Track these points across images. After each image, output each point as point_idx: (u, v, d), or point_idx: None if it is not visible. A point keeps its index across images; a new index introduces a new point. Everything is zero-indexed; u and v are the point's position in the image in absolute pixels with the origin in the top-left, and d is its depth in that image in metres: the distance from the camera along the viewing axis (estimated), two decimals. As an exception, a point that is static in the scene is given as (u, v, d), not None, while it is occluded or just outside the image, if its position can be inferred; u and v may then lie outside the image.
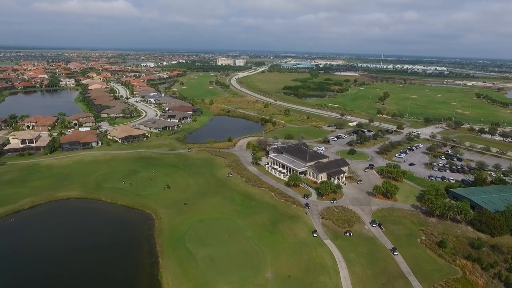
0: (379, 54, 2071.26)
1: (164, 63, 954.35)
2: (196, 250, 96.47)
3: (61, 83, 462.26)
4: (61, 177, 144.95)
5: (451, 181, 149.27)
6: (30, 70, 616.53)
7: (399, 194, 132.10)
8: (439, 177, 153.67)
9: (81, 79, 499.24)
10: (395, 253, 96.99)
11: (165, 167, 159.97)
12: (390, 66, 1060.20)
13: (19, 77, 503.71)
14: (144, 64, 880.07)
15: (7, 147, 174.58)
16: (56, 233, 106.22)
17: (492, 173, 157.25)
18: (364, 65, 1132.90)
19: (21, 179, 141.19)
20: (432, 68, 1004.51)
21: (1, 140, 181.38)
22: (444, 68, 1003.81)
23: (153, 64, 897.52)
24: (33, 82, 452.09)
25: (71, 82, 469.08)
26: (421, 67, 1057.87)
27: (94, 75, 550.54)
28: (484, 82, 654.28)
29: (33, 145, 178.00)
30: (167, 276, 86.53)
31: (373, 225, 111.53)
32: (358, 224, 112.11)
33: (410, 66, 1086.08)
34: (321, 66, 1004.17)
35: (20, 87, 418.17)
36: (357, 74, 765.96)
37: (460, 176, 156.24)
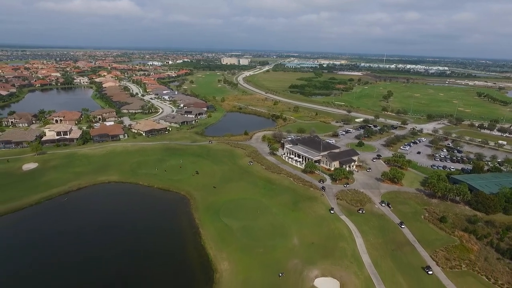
0: (381, 54, 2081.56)
1: (170, 62, 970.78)
2: (230, 223, 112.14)
3: (75, 81, 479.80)
4: (99, 164, 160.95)
5: (451, 169, 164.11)
6: (42, 68, 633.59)
7: (404, 180, 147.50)
8: (440, 166, 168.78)
9: (94, 77, 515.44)
10: (402, 226, 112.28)
11: (191, 156, 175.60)
12: (392, 66, 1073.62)
13: (33, 75, 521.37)
14: (151, 63, 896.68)
15: (44, 138, 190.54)
16: (105, 210, 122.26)
17: (489, 162, 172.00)
18: (367, 64, 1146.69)
19: (64, 165, 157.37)
20: (434, 68, 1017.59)
21: (38, 132, 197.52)
22: (446, 68, 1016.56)
23: (160, 63, 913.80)
24: (48, 80, 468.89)
25: (84, 80, 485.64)
26: (423, 67, 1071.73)
27: (105, 73, 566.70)
28: (485, 81, 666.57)
29: (67, 136, 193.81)
30: (209, 243, 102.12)
31: (382, 205, 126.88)
32: (369, 204, 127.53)
33: (413, 66, 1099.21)
34: (324, 65, 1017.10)
35: (37, 85, 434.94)
36: (360, 74, 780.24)
37: (460, 166, 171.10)
